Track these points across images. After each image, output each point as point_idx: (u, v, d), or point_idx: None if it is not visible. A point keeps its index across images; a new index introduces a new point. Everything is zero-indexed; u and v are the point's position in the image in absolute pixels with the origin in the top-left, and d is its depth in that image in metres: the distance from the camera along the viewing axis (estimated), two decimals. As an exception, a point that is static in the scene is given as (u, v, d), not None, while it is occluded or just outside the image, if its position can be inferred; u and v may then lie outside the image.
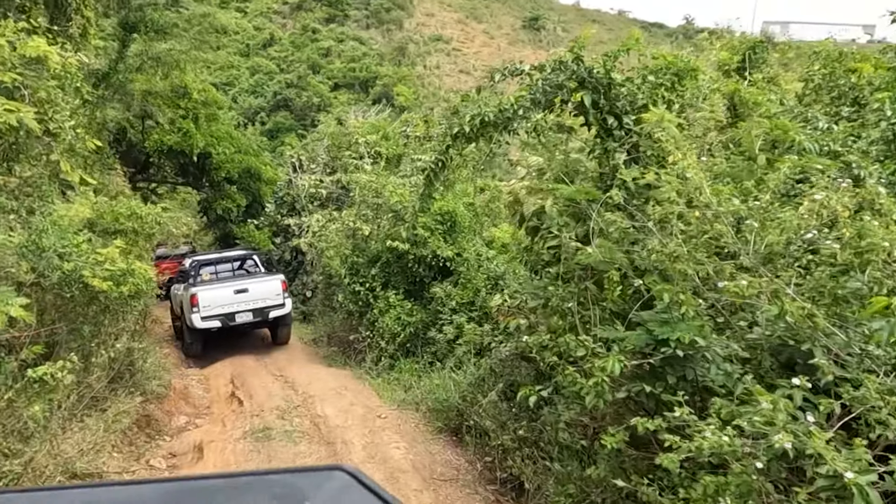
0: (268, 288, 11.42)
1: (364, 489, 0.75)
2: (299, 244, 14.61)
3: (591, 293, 3.92)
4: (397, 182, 11.88)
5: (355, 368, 10.58)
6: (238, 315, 11.12)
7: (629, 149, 4.18)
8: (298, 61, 62.45)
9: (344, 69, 62.90)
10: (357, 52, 67.01)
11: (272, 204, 18.34)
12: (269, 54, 64.51)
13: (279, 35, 68.42)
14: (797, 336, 2.80)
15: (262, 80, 59.65)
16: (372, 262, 11.15)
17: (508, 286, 8.41)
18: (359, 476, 0.77)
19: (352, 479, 0.76)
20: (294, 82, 57.43)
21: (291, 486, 0.78)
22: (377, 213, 11.85)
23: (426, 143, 15.02)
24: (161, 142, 17.75)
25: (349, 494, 0.75)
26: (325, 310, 14.26)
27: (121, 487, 0.96)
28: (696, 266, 3.12)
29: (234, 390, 9.34)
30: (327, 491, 0.76)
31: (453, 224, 10.61)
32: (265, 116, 54.88)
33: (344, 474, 0.76)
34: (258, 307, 11.23)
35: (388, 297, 10.48)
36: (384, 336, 10.21)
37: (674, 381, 3.02)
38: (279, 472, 0.93)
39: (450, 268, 10.20)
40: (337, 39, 69.04)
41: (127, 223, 8.61)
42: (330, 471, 0.78)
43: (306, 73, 59.68)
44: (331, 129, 18.24)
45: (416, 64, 68.29)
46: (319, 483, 0.79)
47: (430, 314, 10.00)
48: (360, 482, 0.76)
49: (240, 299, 11.14)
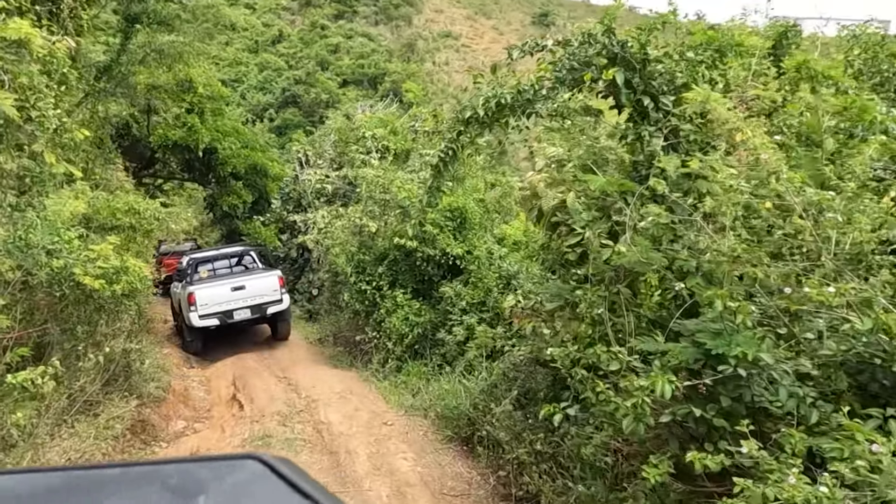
0: (265, 284, 11.33)
1: (279, 479, 0.68)
2: (305, 241, 14.23)
3: (624, 298, 3.47)
4: (405, 177, 11.46)
5: (361, 370, 10.18)
6: (236, 312, 11.05)
7: (667, 133, 3.71)
8: (307, 58, 62.42)
9: (352, 66, 62.70)
10: (366, 48, 66.94)
11: (278, 200, 17.98)
12: (278, 51, 64.55)
13: (288, 31, 68.43)
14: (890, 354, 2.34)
15: (271, 77, 59.59)
16: (379, 260, 10.74)
17: (522, 286, 7.97)
18: (274, 465, 0.69)
19: (265, 469, 0.69)
20: (302, 79, 57.30)
21: (190, 477, 0.71)
22: (384, 209, 11.44)
23: (435, 138, 14.62)
24: (165, 137, 17.43)
25: (257, 486, 0.68)
26: (332, 308, 13.89)
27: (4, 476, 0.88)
28: (763, 268, 2.65)
29: (235, 392, 8.97)
30: (231, 483, 0.69)
31: (463, 221, 10.17)
32: (273, 113, 54.71)
33: (256, 463, 0.70)
34: (256, 304, 11.15)
35: (396, 297, 10.07)
36: (391, 337, 9.81)
37: (728, 403, 2.57)
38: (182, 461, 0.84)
39: (460, 266, 9.77)
40: (346, 36, 69.08)
41: (124, 219, 8.25)
42: (242, 460, 0.72)
43: (315, 69, 59.62)
44: (338, 123, 17.84)
45: (424, 60, 67.99)
46: (224, 474, 0.72)
47: (440, 314, 9.58)
48: (276, 472, 0.69)
49: (237, 296, 11.04)
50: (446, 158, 4.49)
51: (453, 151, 4.41)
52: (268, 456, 0.71)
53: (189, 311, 10.90)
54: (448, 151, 4.43)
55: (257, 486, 0.68)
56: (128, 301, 7.00)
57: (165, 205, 9.09)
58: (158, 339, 11.88)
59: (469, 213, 10.20)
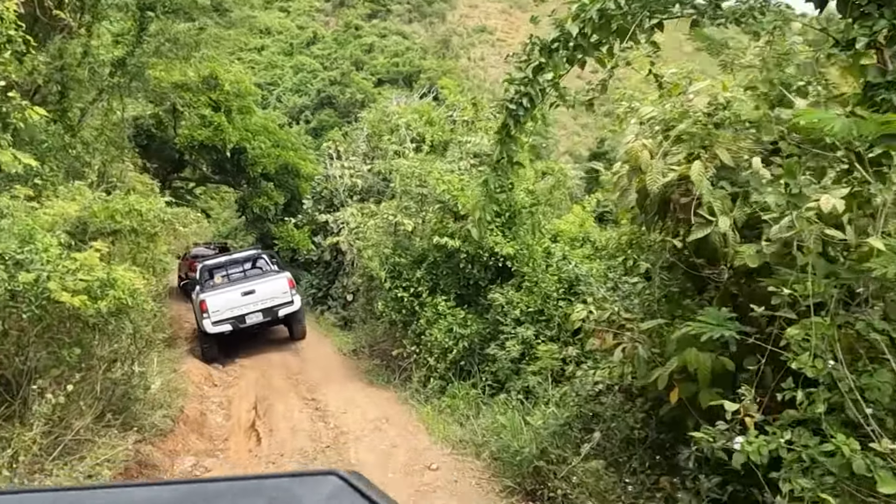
0: (274, 287, 11.34)
1: (356, 494, 0.73)
2: (337, 242, 13.03)
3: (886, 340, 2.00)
4: (444, 168, 10.09)
5: (399, 389, 8.87)
6: (248, 317, 11.07)
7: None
8: (342, 58, 62.52)
9: (387, 64, 62.29)
10: (400, 46, 66.77)
11: (310, 200, 16.90)
12: (313, 52, 64.85)
13: (322, 33, 68.77)
14: None
15: (306, 79, 59.70)
16: (416, 262, 9.41)
17: (592, 292, 6.49)
18: (351, 480, 0.75)
19: (344, 484, 0.75)
20: (337, 79, 57.14)
21: (286, 491, 0.78)
22: (421, 205, 10.11)
23: (475, 127, 13.23)
24: (191, 137, 16.57)
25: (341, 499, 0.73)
26: (367, 316, 12.67)
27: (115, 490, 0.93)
28: None
29: (255, 420, 7.78)
30: (319, 495, 0.76)
31: (513, 215, 8.74)
32: (309, 115, 54.51)
33: (336, 479, 0.76)
34: (267, 307, 11.18)
35: (437, 305, 8.71)
36: (433, 351, 8.46)
37: None
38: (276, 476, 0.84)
39: (510, 268, 8.34)
40: (380, 35, 69.17)
41: (124, 221, 7.16)
42: (324, 476, 0.78)
43: (349, 69, 59.55)
44: (370, 115, 16.63)
45: (459, 56, 67.02)
46: (312, 487, 0.78)
47: (489, 325, 8.18)
48: (353, 486, 0.74)
49: (248, 301, 11.07)
50: (517, 111, 3.03)
51: (529, 99, 2.95)
52: (344, 472, 0.76)
53: (202, 318, 10.87)
54: (520, 100, 2.96)
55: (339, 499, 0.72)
56: (118, 320, 5.85)
57: (170, 203, 7.99)
58: (179, 354, 10.88)
59: (520, 205, 8.76)
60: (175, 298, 16.14)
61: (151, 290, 7.86)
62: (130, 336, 6.41)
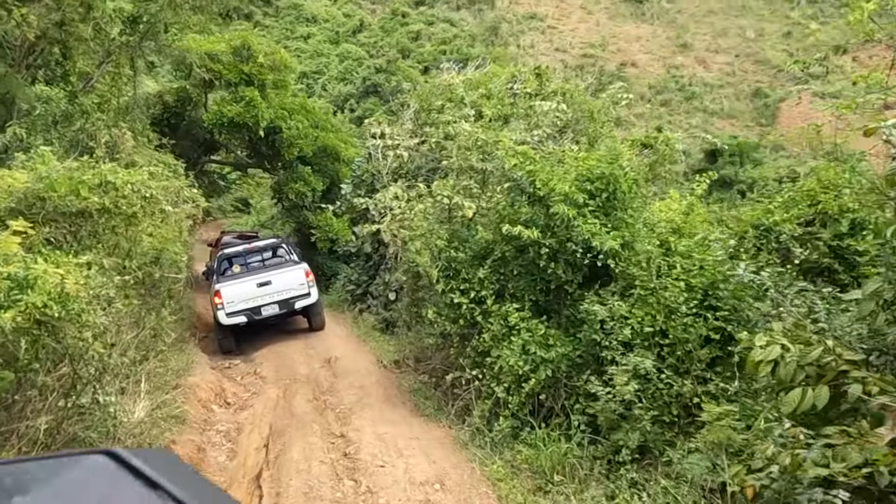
0: (291, 278, 10.97)
1: (128, 474, 0.60)
2: (378, 232, 10.98)
3: None
4: (515, 138, 7.88)
5: (455, 425, 6.74)
6: (264, 308, 10.73)
7: None
8: (388, 46, 61.67)
9: (434, 52, 60.87)
10: (448, 34, 65.61)
11: (349, 184, 14.96)
12: (359, 40, 64.23)
13: (368, 21, 68.08)
14: None
15: (351, 67, 58.88)
16: (479, 258, 7.23)
17: (770, 311, 4.18)
18: (126, 458, 0.62)
19: (113, 463, 0.61)
20: (383, 67, 56.02)
21: (23, 476, 0.62)
22: (484, 184, 7.94)
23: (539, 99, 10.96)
24: (220, 114, 14.82)
25: (102, 483, 0.60)
26: (413, 320, 10.62)
27: None
28: None
29: (263, 468, 5.78)
30: (66, 480, 0.61)
31: (612, 196, 6.45)
32: (354, 103, 53.38)
33: (105, 458, 0.62)
34: (283, 298, 10.85)
35: (507, 315, 6.51)
36: (501, 379, 6.27)
37: None
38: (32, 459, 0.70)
39: (610, 268, 6.07)
40: (427, 22, 68.32)
41: (92, 198, 5.27)
42: (88, 455, 0.64)
43: (396, 57, 58.52)
44: (419, 89, 14.55)
45: (508, 44, 64.71)
46: (62, 470, 0.63)
47: (583, 347, 5.94)
48: (127, 465, 0.61)
49: (263, 292, 10.71)
50: None
51: None
52: (124, 450, 0.63)
53: (217, 308, 10.54)
54: None
55: (100, 484, 0.61)
56: (40, 336, 3.91)
57: (154, 175, 6.08)
58: (189, 361, 9.08)
59: (621, 182, 6.45)
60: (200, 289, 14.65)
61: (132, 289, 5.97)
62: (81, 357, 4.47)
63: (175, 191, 6.13)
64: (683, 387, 4.99)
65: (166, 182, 6.36)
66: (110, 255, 5.92)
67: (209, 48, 15.23)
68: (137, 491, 0.59)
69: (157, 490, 0.59)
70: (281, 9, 65.13)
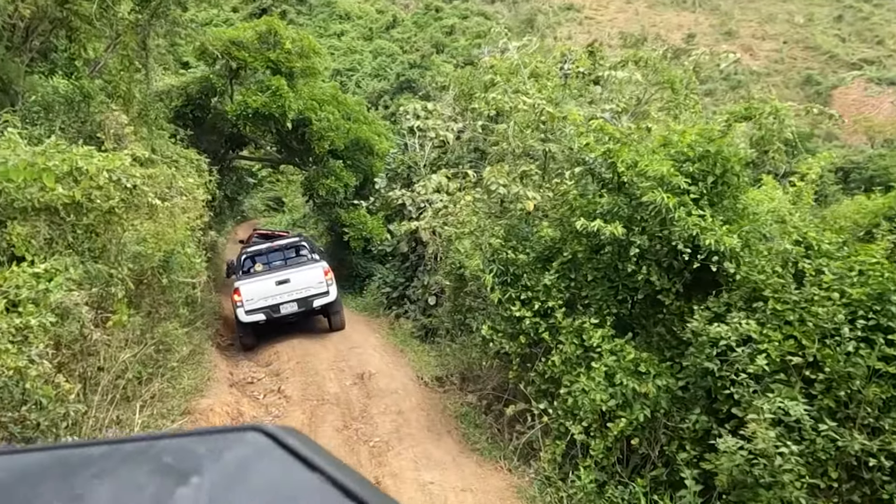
0: (310, 276, 10.93)
1: (284, 451, 0.57)
2: (416, 229, 9.70)
3: None
4: (585, 113, 6.48)
5: (517, 468, 5.40)
6: (283, 306, 10.70)
7: None
8: (422, 41, 60.99)
9: (469, 46, 59.56)
10: (482, 27, 64.24)
11: (383, 178, 13.76)
12: (392, 36, 63.68)
13: (402, 16, 67.56)
14: None
15: (385, 63, 58.26)
16: (543, 260, 5.86)
17: None
18: (278, 436, 0.58)
19: (268, 441, 0.59)
20: (417, 62, 55.24)
21: (186, 454, 0.59)
22: (546, 170, 6.56)
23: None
24: (245, 104, 13.79)
25: (260, 461, 0.57)
26: (457, 328, 9.35)
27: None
28: None
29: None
30: (231, 459, 0.58)
31: (720, 178, 4.99)
32: (388, 100, 52.60)
33: (259, 435, 0.59)
34: (301, 297, 10.82)
35: (584, 333, 5.13)
36: (579, 416, 4.89)
37: None
38: (179, 435, 0.65)
39: (723, 274, 4.63)
40: (461, 16, 67.37)
41: (59, 189, 4.14)
42: (242, 432, 0.60)
43: (430, 52, 57.72)
44: (459, 72, 13.24)
45: (545, 36, 62.96)
46: (224, 448, 0.59)
47: (688, 377, 4.51)
48: (280, 443, 0.58)
49: (282, 290, 10.70)
50: None
51: None
52: (272, 426, 0.61)
53: (236, 306, 10.64)
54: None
55: (260, 462, 0.58)
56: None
57: (137, 160, 4.91)
58: (205, 376, 8.01)
59: (732, 161, 4.98)
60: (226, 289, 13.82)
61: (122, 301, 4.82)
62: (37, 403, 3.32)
63: (166, 180, 4.99)
64: (853, 440, 3.54)
65: (154, 170, 5.21)
66: (96, 260, 4.81)
67: (233, 35, 14.25)
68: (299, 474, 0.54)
69: (314, 472, 0.54)
70: (314, 6, 64.88)
